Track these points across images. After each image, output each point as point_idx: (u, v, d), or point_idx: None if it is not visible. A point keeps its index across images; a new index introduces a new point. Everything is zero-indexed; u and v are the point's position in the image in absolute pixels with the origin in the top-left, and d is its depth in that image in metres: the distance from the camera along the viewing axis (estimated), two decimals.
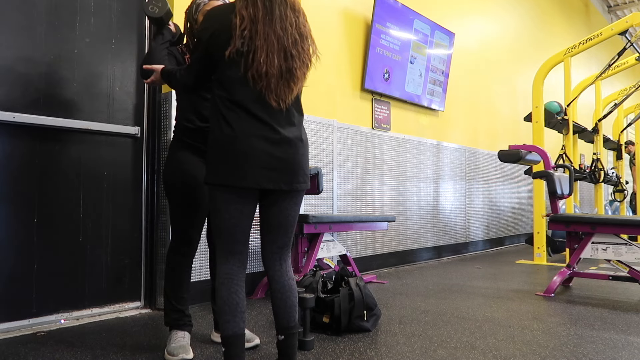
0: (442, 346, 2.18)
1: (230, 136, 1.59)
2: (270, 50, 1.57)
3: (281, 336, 1.71)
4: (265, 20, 1.57)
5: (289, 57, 1.60)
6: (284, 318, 1.71)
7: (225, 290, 1.63)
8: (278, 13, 1.59)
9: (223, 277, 1.65)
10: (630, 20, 4.67)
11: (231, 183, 1.59)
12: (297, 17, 1.64)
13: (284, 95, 1.61)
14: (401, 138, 4.78)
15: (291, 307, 1.72)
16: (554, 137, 7.35)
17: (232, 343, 1.63)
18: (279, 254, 1.74)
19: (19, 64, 2.46)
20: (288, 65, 1.60)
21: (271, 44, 1.57)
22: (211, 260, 2.24)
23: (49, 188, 2.55)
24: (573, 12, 9.44)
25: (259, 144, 1.59)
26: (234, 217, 1.63)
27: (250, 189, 1.62)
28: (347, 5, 4.23)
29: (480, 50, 6.21)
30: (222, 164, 1.60)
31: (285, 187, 1.64)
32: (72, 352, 2.10)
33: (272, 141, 1.60)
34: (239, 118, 1.59)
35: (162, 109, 2.95)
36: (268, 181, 1.60)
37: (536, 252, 4.98)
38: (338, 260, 3.83)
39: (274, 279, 1.73)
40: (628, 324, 2.59)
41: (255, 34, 1.56)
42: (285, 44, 1.59)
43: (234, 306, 1.62)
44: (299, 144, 1.66)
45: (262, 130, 1.60)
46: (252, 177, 1.59)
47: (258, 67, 1.56)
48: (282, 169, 1.62)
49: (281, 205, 1.70)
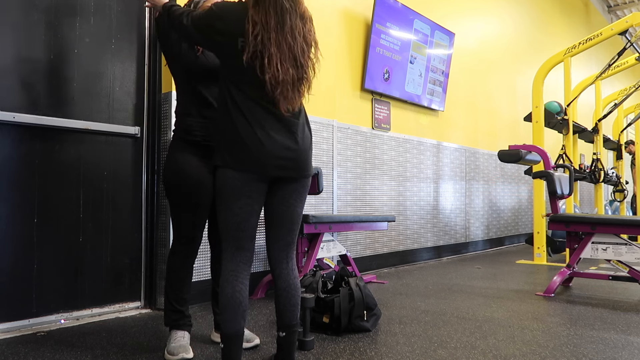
0: (442, 346, 2.19)
1: (244, 126, 1.62)
2: (284, 59, 1.61)
3: (282, 333, 1.75)
4: (277, 29, 1.60)
5: (299, 66, 1.65)
6: (287, 316, 1.74)
7: (230, 288, 1.65)
8: (289, 23, 1.62)
9: (228, 275, 1.66)
10: (630, 20, 4.67)
11: (243, 167, 1.62)
12: (304, 25, 1.67)
13: (294, 102, 1.66)
14: (401, 138, 4.78)
15: (294, 305, 1.76)
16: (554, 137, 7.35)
17: (232, 341, 1.64)
18: (285, 252, 1.78)
19: (19, 64, 2.46)
20: (299, 74, 1.65)
21: (283, 52, 1.61)
22: (212, 260, 2.24)
23: (49, 188, 2.55)
24: (573, 12, 9.44)
25: (271, 137, 1.63)
26: (243, 211, 1.66)
27: (260, 176, 1.65)
28: (347, 5, 4.23)
29: (480, 50, 6.21)
30: (235, 150, 1.63)
31: (295, 175, 1.70)
32: (72, 352, 2.10)
33: (282, 136, 1.65)
34: (254, 113, 1.63)
35: (162, 109, 2.95)
36: (278, 169, 1.66)
37: (536, 252, 4.98)
38: (338, 260, 3.82)
39: (281, 277, 1.76)
40: (628, 324, 2.59)
41: (267, 41, 1.59)
42: (295, 53, 1.64)
43: (237, 305, 1.64)
44: (307, 143, 1.72)
45: (274, 126, 1.65)
46: (263, 164, 1.63)
47: (275, 74, 1.60)
48: (291, 160, 1.67)
49: (289, 200, 1.74)
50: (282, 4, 1.60)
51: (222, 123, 1.68)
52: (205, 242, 2.95)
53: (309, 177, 1.77)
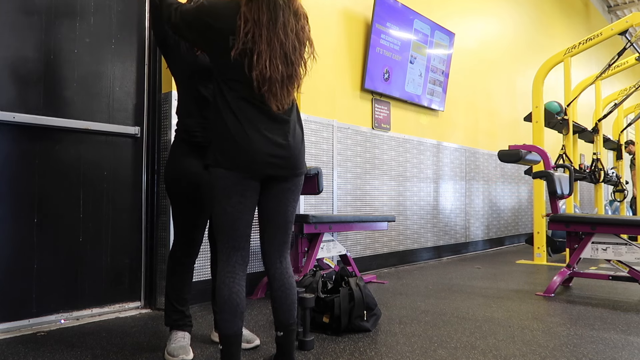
0: (442, 346, 2.18)
1: (234, 124, 1.61)
2: (274, 56, 1.59)
3: (280, 332, 1.74)
4: (269, 26, 1.59)
5: (289, 63, 1.63)
6: (284, 315, 1.73)
7: (227, 290, 1.64)
8: (282, 19, 1.60)
9: (224, 276, 1.66)
10: (630, 20, 4.67)
11: (234, 166, 1.61)
12: (297, 22, 1.65)
13: (283, 99, 1.64)
14: (401, 138, 4.78)
15: (291, 304, 1.74)
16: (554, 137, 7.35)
17: (231, 342, 1.64)
18: (278, 252, 1.76)
19: (19, 64, 2.46)
20: (289, 72, 1.63)
21: (274, 49, 1.59)
22: (212, 260, 2.24)
23: (49, 188, 2.55)
24: (573, 12, 9.44)
25: (262, 135, 1.63)
26: (236, 210, 1.65)
27: (252, 174, 1.64)
28: (347, 5, 4.23)
29: (480, 50, 6.20)
30: (226, 148, 1.62)
31: (287, 173, 1.69)
32: (72, 352, 2.10)
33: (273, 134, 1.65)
34: (245, 111, 1.62)
35: (162, 109, 2.95)
36: (270, 167, 1.65)
37: (536, 252, 4.98)
38: (338, 260, 3.82)
39: (275, 277, 1.75)
40: (628, 324, 2.59)
41: (259, 38, 1.58)
42: (287, 50, 1.62)
43: (234, 306, 1.63)
44: (298, 141, 1.71)
45: (265, 124, 1.64)
46: (255, 162, 1.62)
47: (263, 71, 1.58)
48: (283, 158, 1.67)
49: (281, 199, 1.73)
50: (275, 0, 1.59)
51: (213, 121, 1.67)
52: (205, 242, 2.96)
53: (301, 176, 1.76)
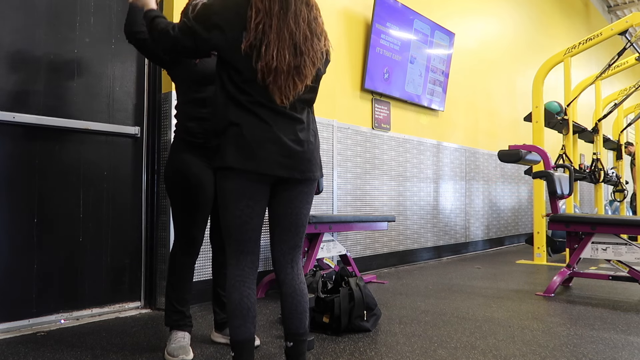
0: (442, 346, 2.18)
1: (246, 126, 1.55)
2: (282, 46, 1.53)
3: (290, 343, 1.63)
4: (280, 14, 1.53)
5: (298, 53, 1.56)
6: (294, 324, 1.63)
7: (237, 294, 1.57)
8: (294, 7, 1.55)
9: (234, 280, 1.59)
10: (630, 20, 4.67)
11: (244, 167, 1.54)
12: (309, 12, 1.60)
13: (288, 91, 1.57)
14: (401, 138, 4.78)
15: (302, 312, 1.64)
16: (554, 137, 7.34)
17: (243, 349, 1.57)
18: (290, 256, 1.68)
19: (19, 64, 2.46)
20: (297, 62, 1.56)
21: (283, 39, 1.53)
22: (213, 261, 2.24)
23: (49, 188, 2.55)
24: (573, 12, 9.44)
25: (274, 135, 1.56)
26: (244, 214, 1.58)
27: (263, 176, 1.57)
28: (347, 5, 4.23)
29: (480, 50, 6.20)
30: (234, 149, 1.55)
31: (299, 176, 1.61)
32: (72, 352, 2.10)
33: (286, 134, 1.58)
34: (256, 112, 1.56)
35: (162, 109, 2.95)
36: (281, 168, 1.57)
37: (536, 252, 4.98)
38: (338, 260, 3.82)
39: (285, 282, 1.66)
40: (628, 324, 2.59)
41: (269, 28, 1.53)
42: (297, 39, 1.55)
43: (245, 311, 1.56)
44: (311, 143, 1.66)
45: (277, 124, 1.57)
46: (266, 163, 1.55)
47: (269, 62, 1.52)
48: (295, 159, 1.59)
49: (293, 202, 1.65)
50: None
51: (222, 123, 1.61)
52: (206, 242, 2.96)
53: (314, 180, 1.68)
